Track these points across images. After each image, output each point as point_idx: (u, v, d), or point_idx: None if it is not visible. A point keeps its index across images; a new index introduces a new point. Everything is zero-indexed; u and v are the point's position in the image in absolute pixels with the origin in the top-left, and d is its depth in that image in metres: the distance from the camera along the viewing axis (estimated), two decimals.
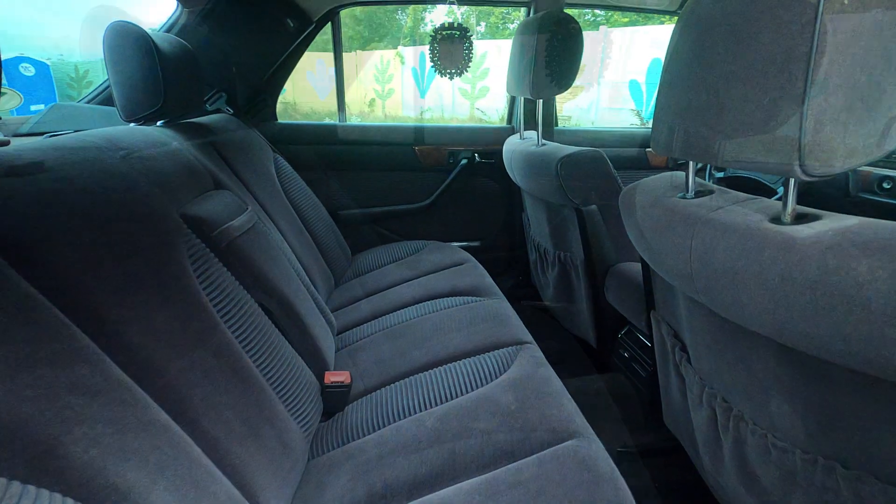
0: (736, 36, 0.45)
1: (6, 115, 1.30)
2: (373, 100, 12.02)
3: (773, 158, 0.44)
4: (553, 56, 1.15)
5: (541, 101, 1.28)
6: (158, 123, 1.08)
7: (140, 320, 0.56)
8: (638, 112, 8.11)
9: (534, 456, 0.70)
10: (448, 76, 1.53)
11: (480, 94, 10.54)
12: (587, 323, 1.31)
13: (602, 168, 1.13)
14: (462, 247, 1.82)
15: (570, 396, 0.81)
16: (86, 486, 0.39)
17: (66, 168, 0.61)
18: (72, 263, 0.52)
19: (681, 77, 0.53)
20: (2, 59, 0.48)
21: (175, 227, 0.70)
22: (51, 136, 0.81)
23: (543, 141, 1.28)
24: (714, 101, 0.48)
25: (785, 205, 0.48)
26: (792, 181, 0.47)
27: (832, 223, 0.45)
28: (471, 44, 1.48)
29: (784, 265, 0.44)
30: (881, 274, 0.36)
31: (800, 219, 0.48)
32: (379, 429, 0.83)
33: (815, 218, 0.48)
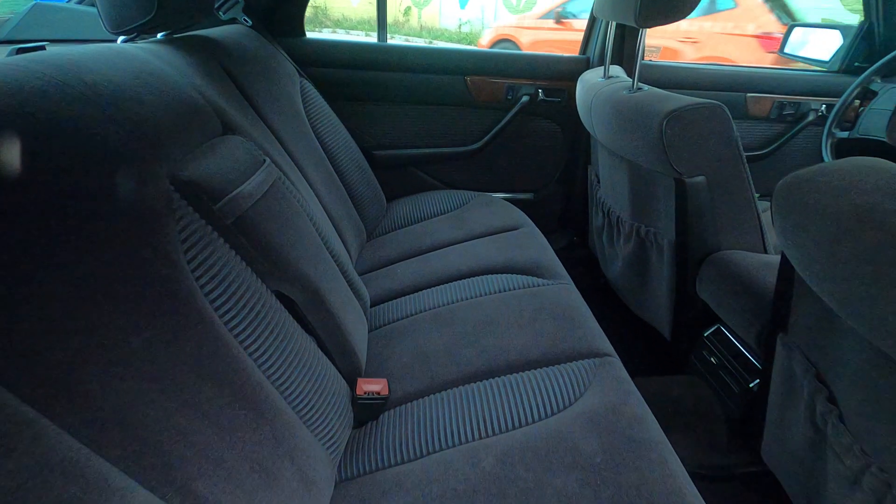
0: None
1: None
2: (408, 8, 11.03)
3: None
4: None
5: (644, 30, 0.97)
6: (159, 36, 0.83)
7: (103, 342, 0.39)
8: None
9: None
10: None
11: (526, 8, 9.52)
12: (663, 312, 1.09)
13: (723, 129, 0.87)
14: (512, 198, 1.57)
15: (672, 450, 0.63)
16: None
17: None
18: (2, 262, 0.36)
19: None
20: None
21: (162, 198, 0.49)
22: (21, 48, 0.57)
23: (640, 85, 0.99)
24: None
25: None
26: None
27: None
28: None
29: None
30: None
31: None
32: (422, 456, 0.67)
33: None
